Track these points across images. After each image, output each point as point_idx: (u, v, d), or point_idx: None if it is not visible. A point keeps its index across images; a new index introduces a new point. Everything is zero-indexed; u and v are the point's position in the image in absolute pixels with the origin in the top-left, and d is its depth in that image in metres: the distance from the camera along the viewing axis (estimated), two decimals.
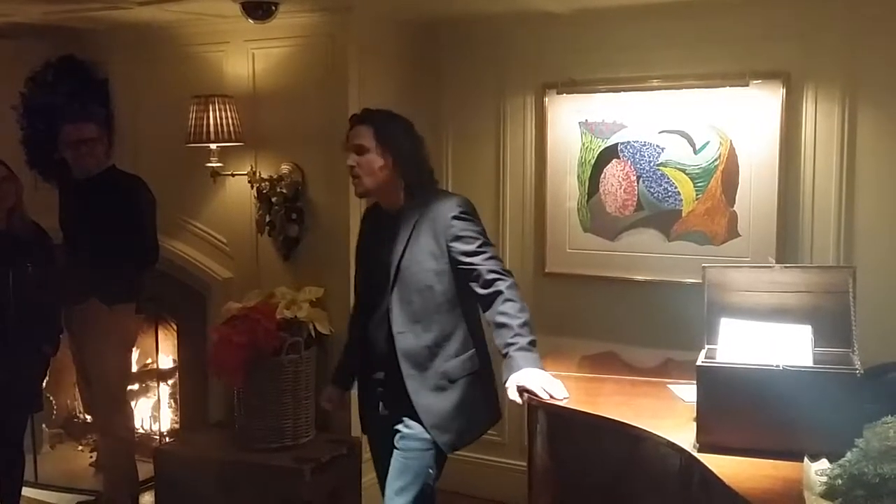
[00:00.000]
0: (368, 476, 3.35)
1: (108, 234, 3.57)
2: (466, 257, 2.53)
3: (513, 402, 2.48)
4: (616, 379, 2.74)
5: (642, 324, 3.67)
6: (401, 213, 2.61)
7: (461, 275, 2.55)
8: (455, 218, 2.54)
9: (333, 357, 3.33)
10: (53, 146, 3.93)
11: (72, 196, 3.84)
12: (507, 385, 2.45)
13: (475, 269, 2.52)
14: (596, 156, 3.78)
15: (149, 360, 4.55)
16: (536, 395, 2.41)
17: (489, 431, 4.00)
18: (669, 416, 2.36)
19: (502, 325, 2.46)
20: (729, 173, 3.52)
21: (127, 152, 4.17)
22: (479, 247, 2.54)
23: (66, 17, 3.94)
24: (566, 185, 3.86)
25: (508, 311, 2.47)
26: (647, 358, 3.10)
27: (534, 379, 2.41)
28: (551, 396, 2.41)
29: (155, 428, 4.51)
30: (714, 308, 2.37)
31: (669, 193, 3.64)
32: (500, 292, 2.49)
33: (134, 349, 4.10)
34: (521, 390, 2.42)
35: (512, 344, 2.44)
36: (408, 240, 2.57)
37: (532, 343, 2.45)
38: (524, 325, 2.46)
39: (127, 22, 4.00)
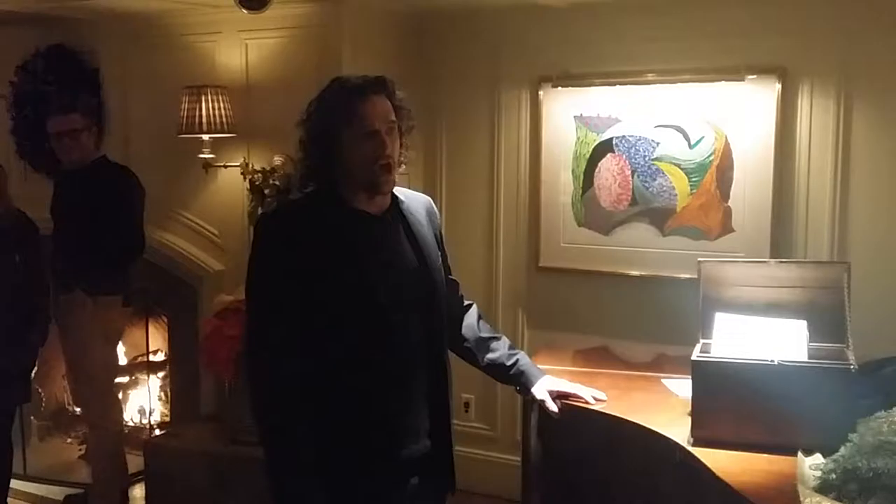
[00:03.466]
0: None
1: (95, 224, 3.55)
2: (447, 262, 2.18)
3: (506, 398, 2.46)
4: (609, 373, 2.73)
5: (636, 318, 3.66)
6: (392, 214, 2.03)
7: None
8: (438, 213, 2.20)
9: None
10: (43, 136, 3.91)
11: (62, 186, 3.82)
12: (537, 394, 2.29)
13: (451, 275, 2.22)
14: (591, 150, 3.76)
15: (139, 353, 4.53)
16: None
17: (482, 425, 4.05)
18: (663, 410, 2.35)
19: (494, 338, 2.31)
20: (723, 168, 3.51)
21: (118, 143, 4.14)
22: None
23: (57, 5, 3.91)
24: (560, 179, 3.84)
25: (492, 330, 2.33)
26: (640, 353, 3.10)
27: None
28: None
29: (145, 420, 4.49)
30: (709, 302, 2.36)
31: (664, 188, 3.63)
32: (471, 303, 2.33)
33: (121, 341, 4.07)
34: (559, 395, 2.31)
35: (516, 353, 2.32)
36: (422, 242, 2.05)
37: None
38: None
39: (118, 11, 3.97)
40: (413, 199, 2.11)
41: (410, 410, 1.99)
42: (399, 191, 2.08)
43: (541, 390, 2.32)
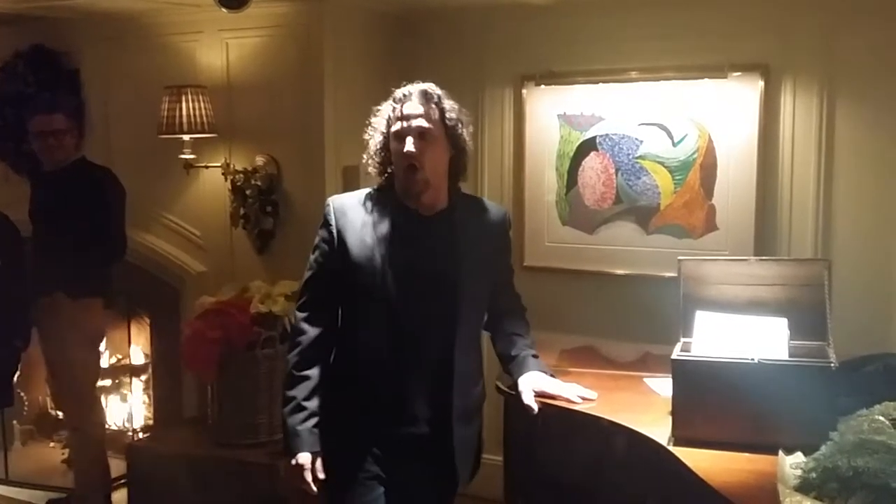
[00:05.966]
0: None
1: (76, 226, 3.51)
2: (508, 274, 2.46)
3: (490, 397, 2.45)
4: (595, 373, 2.72)
5: (621, 318, 3.64)
6: (442, 217, 2.22)
7: (494, 290, 2.36)
8: (509, 230, 2.40)
9: None
10: (23, 137, 3.87)
11: (41, 188, 3.78)
12: (519, 384, 2.35)
13: (510, 287, 2.47)
14: (574, 148, 3.75)
15: (121, 356, 4.49)
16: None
17: None
18: (646, 410, 2.35)
19: (518, 335, 2.41)
20: (707, 166, 3.50)
21: (99, 143, 4.11)
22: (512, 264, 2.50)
23: (37, 5, 3.87)
24: (545, 177, 3.83)
25: (526, 333, 2.46)
26: (625, 352, 3.09)
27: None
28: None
29: (128, 424, 4.45)
30: (690, 301, 2.35)
31: (648, 186, 3.62)
32: (523, 311, 2.49)
33: (103, 344, 4.03)
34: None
35: (525, 349, 2.39)
36: (463, 249, 2.20)
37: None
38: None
39: (98, 11, 3.93)
40: (472, 207, 2.30)
41: (409, 398, 2.17)
42: (471, 199, 2.33)
43: (524, 382, 2.34)
